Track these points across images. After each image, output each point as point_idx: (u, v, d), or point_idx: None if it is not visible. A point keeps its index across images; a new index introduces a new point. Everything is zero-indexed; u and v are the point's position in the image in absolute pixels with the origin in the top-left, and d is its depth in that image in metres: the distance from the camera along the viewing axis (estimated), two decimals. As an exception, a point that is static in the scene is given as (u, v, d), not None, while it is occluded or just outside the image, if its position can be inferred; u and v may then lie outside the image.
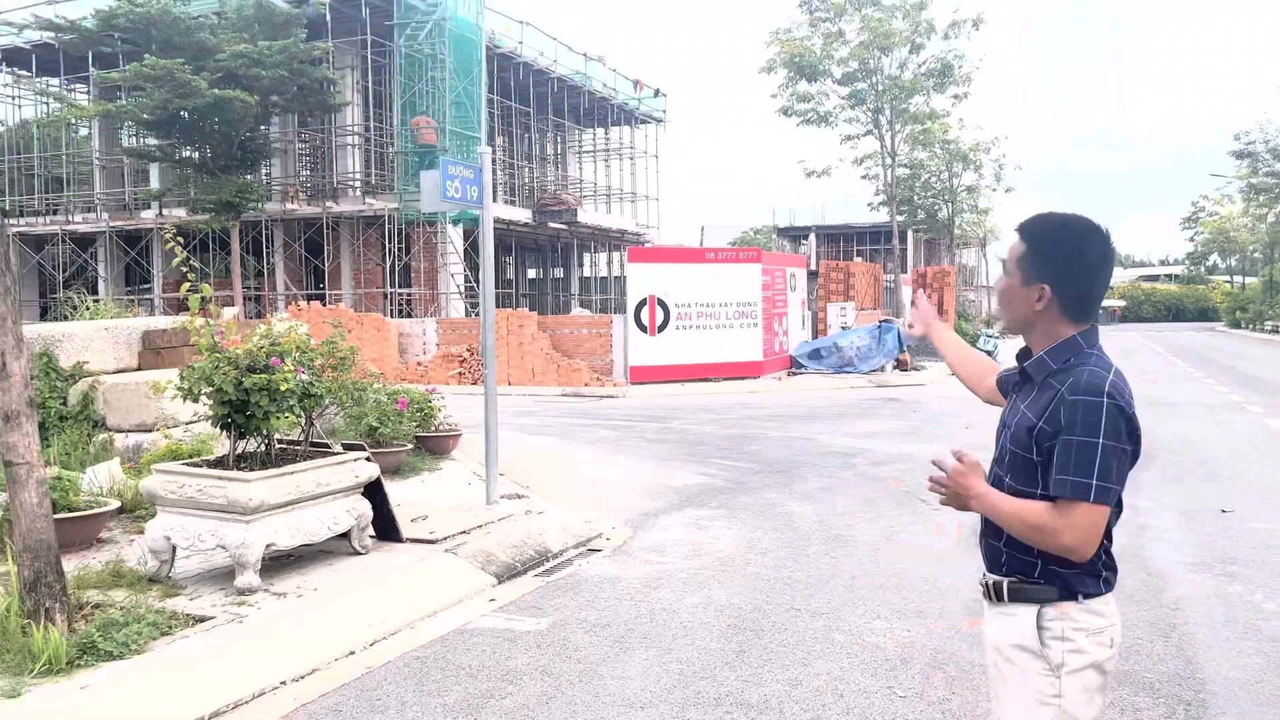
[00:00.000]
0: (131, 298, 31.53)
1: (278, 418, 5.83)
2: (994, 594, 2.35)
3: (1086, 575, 2.23)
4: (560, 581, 6.29)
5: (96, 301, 12.94)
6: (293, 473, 5.83)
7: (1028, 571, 2.27)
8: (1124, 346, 34.12)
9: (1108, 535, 2.23)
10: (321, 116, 30.78)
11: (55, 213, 33.75)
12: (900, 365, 23.64)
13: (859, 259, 41.53)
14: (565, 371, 20.61)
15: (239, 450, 6.02)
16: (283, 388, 5.70)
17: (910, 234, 46.22)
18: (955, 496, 2.28)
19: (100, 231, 32.74)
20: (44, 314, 32.58)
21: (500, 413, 8.80)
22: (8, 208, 32.88)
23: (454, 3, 27.87)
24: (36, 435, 4.80)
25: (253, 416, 5.74)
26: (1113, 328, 62.30)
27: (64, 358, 9.10)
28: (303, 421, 6.51)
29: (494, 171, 31.91)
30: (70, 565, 5.55)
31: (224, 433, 6.03)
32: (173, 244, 6.17)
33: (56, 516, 5.11)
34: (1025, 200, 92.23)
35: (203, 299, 6.05)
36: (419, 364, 22.15)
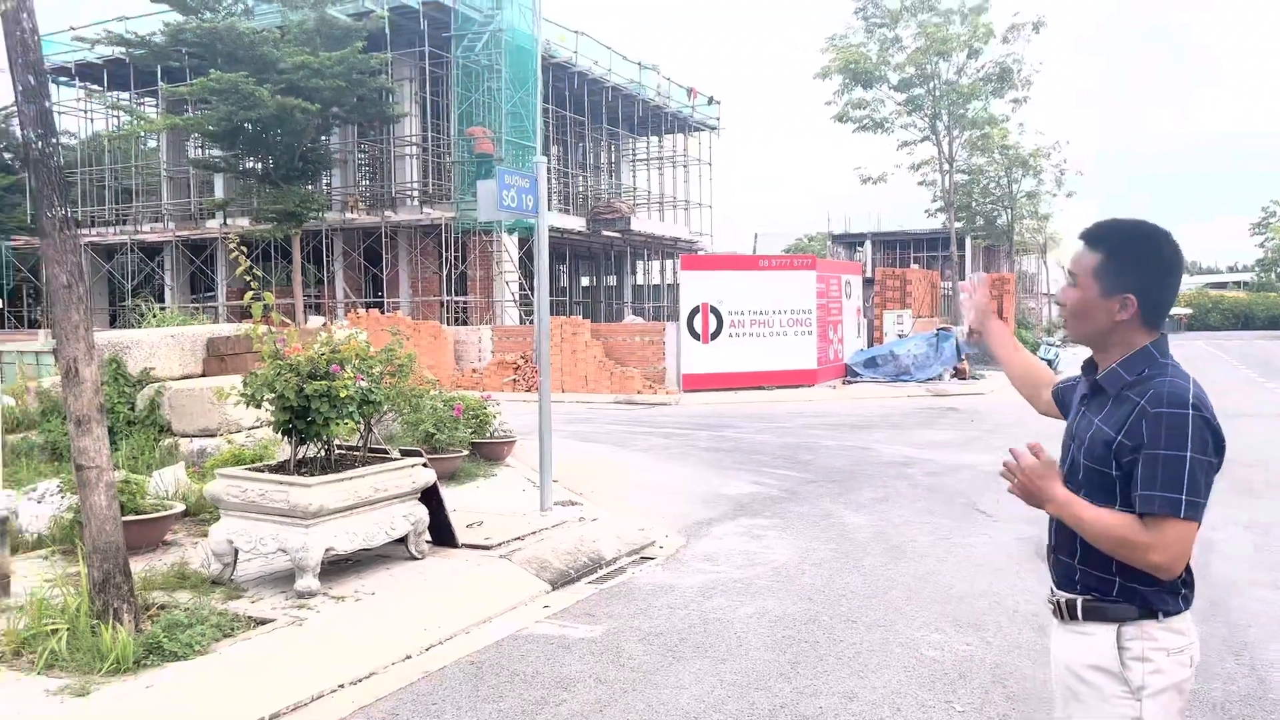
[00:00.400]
0: (196, 305, 32.29)
1: (337, 424, 5.93)
2: (1066, 612, 2.26)
3: (1166, 592, 2.14)
4: (614, 589, 6.29)
5: (163, 309, 13.30)
6: (352, 478, 5.92)
7: (1105, 589, 2.18)
8: (1189, 355, 33.17)
9: None
10: (380, 127, 31.28)
11: (124, 223, 34.73)
12: (959, 374, 23.26)
13: (915, 266, 41.00)
14: (618, 379, 20.65)
15: (299, 455, 6.13)
16: (342, 394, 5.79)
17: (968, 240, 45.56)
18: (1026, 492, 2.18)
19: (167, 241, 33.65)
20: (113, 321, 33.56)
21: (554, 419, 8.84)
22: (80, 218, 33.88)
23: (510, 14, 28.14)
24: (106, 440, 4.94)
25: (313, 422, 5.84)
26: (1178, 337, 60.61)
27: (132, 364, 9.36)
28: (361, 428, 6.61)
29: (549, 180, 32.12)
30: (137, 566, 5.69)
31: (285, 438, 6.15)
32: (236, 253, 6.30)
33: (124, 519, 5.24)
34: (1085, 205, 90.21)
35: (265, 307, 6.18)
36: (474, 371, 22.37)
